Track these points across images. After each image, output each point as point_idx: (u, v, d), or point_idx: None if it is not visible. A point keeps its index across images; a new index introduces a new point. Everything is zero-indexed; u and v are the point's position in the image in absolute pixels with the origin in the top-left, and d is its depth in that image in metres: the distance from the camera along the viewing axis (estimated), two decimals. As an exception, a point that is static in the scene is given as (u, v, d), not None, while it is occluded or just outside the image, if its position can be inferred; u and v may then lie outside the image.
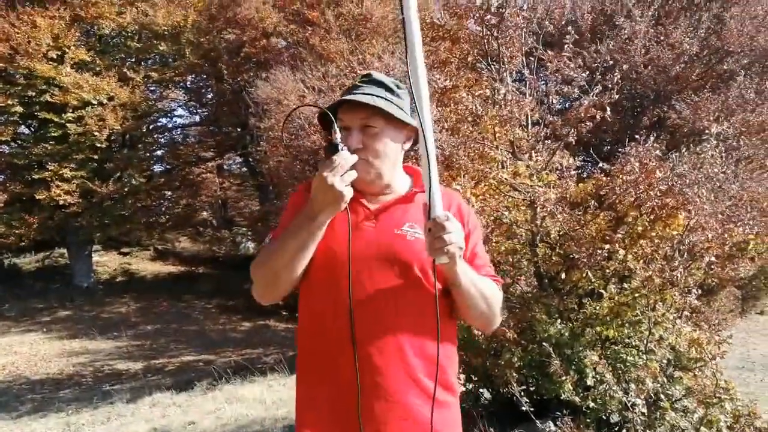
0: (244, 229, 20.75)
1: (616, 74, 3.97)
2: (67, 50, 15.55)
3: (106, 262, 19.04)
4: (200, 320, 14.85)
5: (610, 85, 4.01)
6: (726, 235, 3.91)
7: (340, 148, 1.33)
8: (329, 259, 1.43)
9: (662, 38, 8.66)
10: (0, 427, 7.52)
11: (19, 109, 15.29)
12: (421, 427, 1.39)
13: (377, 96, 1.47)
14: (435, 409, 1.40)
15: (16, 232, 15.85)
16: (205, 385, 8.24)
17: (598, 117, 4.02)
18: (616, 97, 4.01)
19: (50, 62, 15.19)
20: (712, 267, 4.15)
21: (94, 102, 15.67)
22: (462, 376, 4.64)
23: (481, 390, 4.64)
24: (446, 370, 1.47)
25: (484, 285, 1.47)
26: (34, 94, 15.30)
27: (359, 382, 1.37)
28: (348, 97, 1.47)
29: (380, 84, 1.52)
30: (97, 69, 16.34)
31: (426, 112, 1.34)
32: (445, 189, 1.52)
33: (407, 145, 1.56)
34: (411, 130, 1.53)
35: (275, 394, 7.09)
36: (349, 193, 1.32)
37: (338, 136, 1.35)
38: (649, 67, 8.76)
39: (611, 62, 4.37)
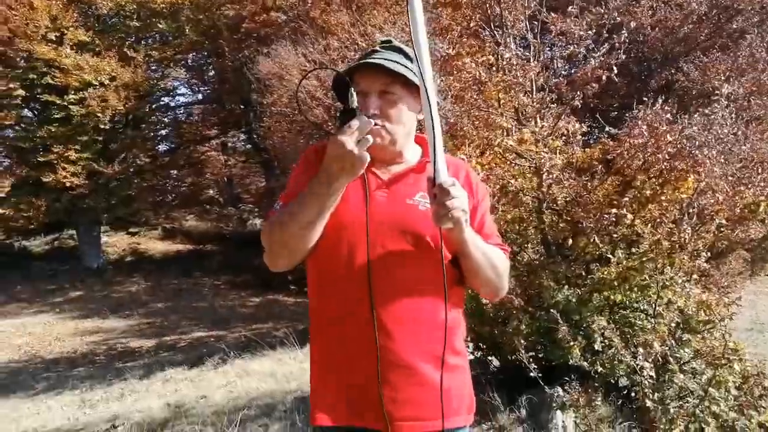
0: (250, 205, 20.78)
1: (623, 32, 3.86)
2: (65, 31, 15.44)
3: (114, 243, 19.19)
4: (210, 297, 14.99)
5: (617, 45, 3.90)
6: (736, 198, 3.86)
7: (357, 113, 1.30)
8: (342, 227, 1.43)
9: (669, -2, 8.46)
10: (17, 405, 7.68)
11: (21, 92, 15.26)
12: (434, 392, 1.42)
13: (398, 62, 1.44)
14: (446, 372, 1.44)
15: (25, 215, 15.97)
16: (216, 360, 8.35)
17: (604, 78, 3.93)
18: (623, 57, 3.91)
19: (50, 44, 15.09)
20: (722, 230, 4.10)
21: (96, 83, 15.60)
22: (470, 344, 4.66)
23: (489, 358, 4.65)
24: (456, 335, 1.50)
25: (491, 253, 1.47)
26: (35, 76, 15.26)
27: (378, 349, 1.39)
28: (369, 60, 1.44)
29: (400, 51, 1.50)
30: (97, 49, 16.23)
31: (428, 78, 1.31)
32: (452, 158, 1.52)
33: (421, 116, 1.51)
34: None
35: (285, 367, 7.17)
36: (367, 158, 1.29)
37: (355, 100, 1.31)
38: (656, 29, 8.57)
39: (618, 20, 4.25)
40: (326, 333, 1.49)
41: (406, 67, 1.45)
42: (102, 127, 15.88)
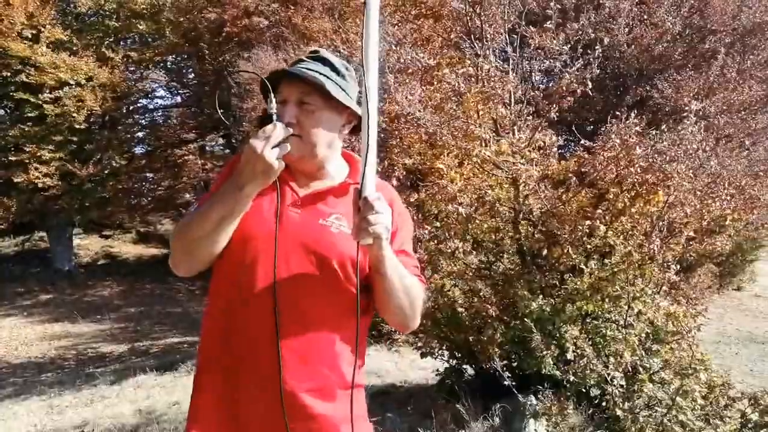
0: (227, 211, 20.54)
1: (597, 48, 3.97)
2: (42, 29, 15.16)
3: (87, 245, 18.82)
4: (184, 302, 14.78)
5: (591, 60, 4.01)
6: (704, 210, 3.97)
7: (274, 118, 1.29)
8: (249, 239, 1.38)
9: (645, 17, 8.68)
10: (-18, 411, 7.47)
11: (-7, 89, 14.95)
12: (318, 420, 1.38)
13: (319, 73, 1.41)
14: (331, 403, 1.39)
15: (-6, 215, 15.58)
16: (190, 366, 8.21)
17: (578, 92, 4.02)
18: (598, 71, 4.01)
19: (25, 41, 14.81)
20: (691, 243, 4.21)
21: (72, 82, 15.33)
22: (446, 353, 4.70)
23: (464, 366, 4.70)
24: (342, 362, 1.42)
25: (408, 279, 1.43)
26: (9, 74, 14.94)
27: (281, 370, 1.34)
28: (287, 69, 1.43)
29: (326, 62, 1.46)
30: (75, 48, 15.97)
31: (372, 90, 1.28)
32: (381, 181, 1.46)
33: (346, 130, 1.50)
34: (351, 114, 1.48)
35: (260, 374, 7.09)
36: (279, 165, 1.27)
37: (274, 106, 1.31)
38: (632, 46, 8.79)
39: (593, 36, 4.36)
40: (220, 346, 1.42)
41: (328, 78, 1.41)
42: (77, 127, 15.58)
